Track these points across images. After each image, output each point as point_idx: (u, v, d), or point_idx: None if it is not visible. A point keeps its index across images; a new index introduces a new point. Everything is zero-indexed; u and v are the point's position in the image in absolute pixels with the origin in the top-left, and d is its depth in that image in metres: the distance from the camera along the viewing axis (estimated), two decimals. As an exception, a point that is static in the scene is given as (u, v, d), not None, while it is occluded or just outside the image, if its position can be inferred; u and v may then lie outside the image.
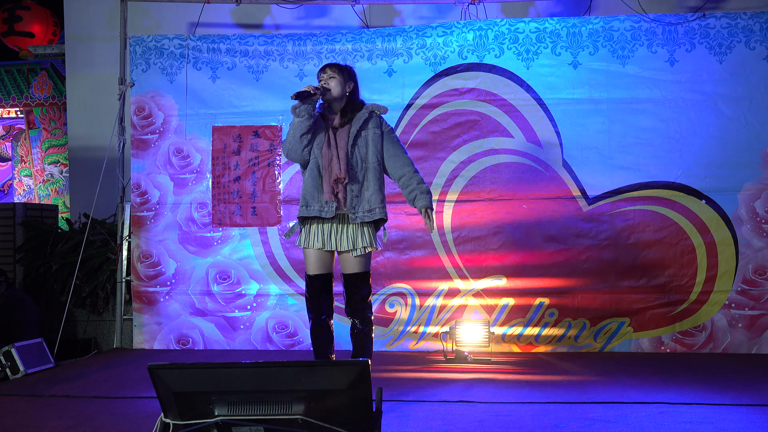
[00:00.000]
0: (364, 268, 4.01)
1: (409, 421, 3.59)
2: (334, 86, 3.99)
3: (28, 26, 8.27)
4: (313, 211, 3.96)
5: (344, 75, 4.04)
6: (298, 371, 2.26)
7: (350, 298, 4.01)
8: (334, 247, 3.99)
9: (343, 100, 4.04)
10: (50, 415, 3.81)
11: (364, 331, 4.03)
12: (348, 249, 3.96)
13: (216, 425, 2.21)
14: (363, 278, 4.00)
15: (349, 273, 4.00)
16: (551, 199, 5.57)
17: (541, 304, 5.53)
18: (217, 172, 5.86)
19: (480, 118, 5.65)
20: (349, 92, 4.05)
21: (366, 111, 4.05)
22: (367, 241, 3.97)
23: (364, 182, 3.99)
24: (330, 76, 4.01)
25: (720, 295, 5.41)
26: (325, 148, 3.96)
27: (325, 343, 4.03)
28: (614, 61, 5.55)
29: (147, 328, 5.91)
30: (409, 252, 5.68)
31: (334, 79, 4.00)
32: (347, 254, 3.98)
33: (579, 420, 3.55)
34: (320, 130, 4.00)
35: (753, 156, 5.42)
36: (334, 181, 3.92)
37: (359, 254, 3.96)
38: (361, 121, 4.01)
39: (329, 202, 3.93)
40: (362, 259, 3.98)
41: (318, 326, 4.02)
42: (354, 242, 3.95)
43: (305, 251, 4.05)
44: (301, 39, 5.85)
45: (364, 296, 4.00)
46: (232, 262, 5.85)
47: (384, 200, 4.05)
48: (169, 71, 5.94)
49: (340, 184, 3.93)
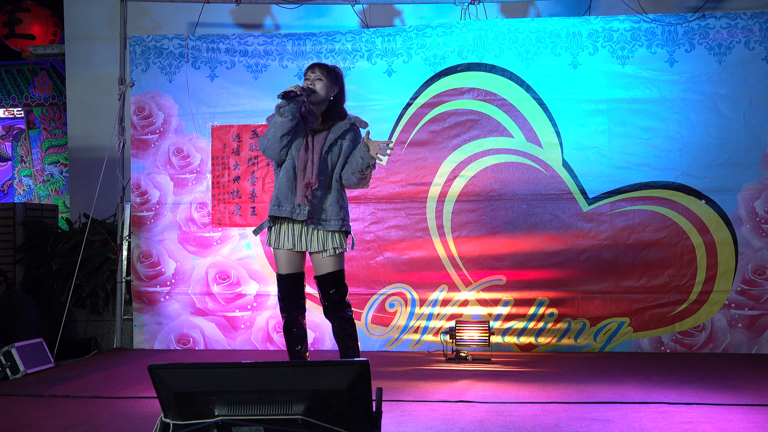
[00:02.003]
0: (338, 266, 3.93)
1: (409, 421, 3.59)
2: (320, 89, 3.89)
3: (28, 28, 8.27)
4: (284, 211, 3.87)
5: (330, 78, 3.93)
6: (298, 371, 2.26)
7: (327, 299, 3.92)
8: (305, 248, 3.93)
9: (325, 103, 3.94)
10: (50, 415, 3.81)
11: (347, 330, 3.93)
12: (318, 250, 3.91)
13: (216, 425, 2.21)
14: (337, 277, 3.92)
15: (322, 274, 3.92)
16: (551, 199, 5.57)
17: (541, 304, 5.53)
18: (216, 172, 5.86)
19: (480, 118, 5.65)
20: (333, 97, 3.96)
21: (347, 122, 3.95)
22: (338, 243, 3.91)
23: (327, 191, 3.91)
24: (317, 77, 3.90)
25: (720, 295, 5.41)
26: (302, 151, 3.89)
27: (297, 339, 3.94)
28: (614, 62, 5.55)
29: (147, 328, 5.91)
30: (408, 252, 5.68)
31: (320, 82, 3.90)
32: (318, 255, 3.91)
33: (579, 420, 3.55)
34: (300, 132, 3.91)
35: (752, 156, 5.43)
36: (305, 185, 3.86)
37: (330, 254, 3.93)
38: (340, 131, 3.92)
39: (302, 206, 3.85)
40: (335, 259, 3.91)
41: (290, 323, 3.94)
42: (324, 243, 3.91)
43: (275, 251, 3.97)
44: (301, 39, 5.85)
45: (341, 295, 3.92)
46: (232, 262, 5.85)
47: (341, 212, 3.92)
48: (169, 71, 5.94)
49: (310, 189, 3.86)
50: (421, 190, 5.68)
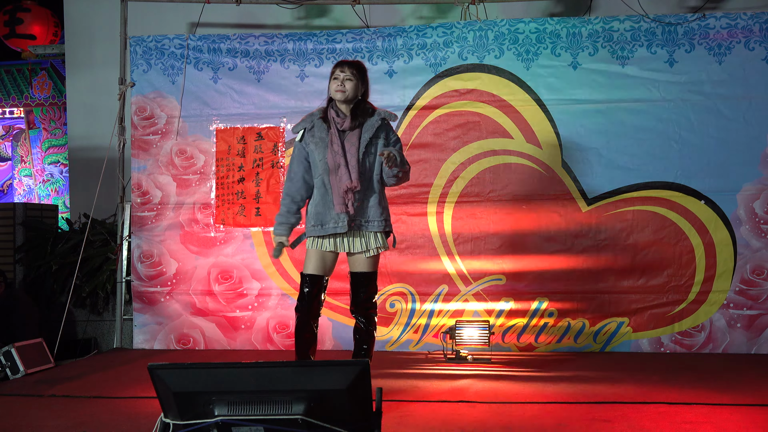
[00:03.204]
0: (373, 268, 3.98)
1: (409, 421, 3.59)
2: (350, 89, 3.86)
3: (29, 28, 8.28)
4: (329, 229, 3.86)
5: (359, 76, 3.89)
6: (298, 371, 2.26)
7: (356, 297, 3.98)
8: (347, 249, 3.95)
9: (353, 102, 3.92)
10: (50, 415, 3.81)
11: (368, 330, 3.99)
12: (361, 250, 3.93)
13: (216, 425, 2.21)
14: (371, 278, 3.98)
15: (357, 272, 3.95)
16: (550, 200, 5.58)
17: (541, 304, 5.53)
18: (221, 174, 5.87)
19: (480, 120, 5.66)
20: (361, 95, 3.94)
21: (378, 117, 3.92)
22: (380, 242, 3.93)
23: (367, 192, 3.90)
24: (347, 78, 3.86)
25: (718, 295, 5.42)
26: (331, 156, 3.84)
27: (307, 343, 3.96)
28: (614, 62, 5.55)
29: (147, 328, 5.91)
30: (409, 252, 5.68)
31: (350, 82, 3.86)
32: (359, 254, 3.95)
33: (579, 420, 3.56)
34: (321, 142, 3.88)
35: (752, 156, 5.43)
36: (345, 192, 3.81)
37: (372, 255, 3.94)
38: (374, 128, 3.89)
39: (341, 215, 3.84)
40: (373, 260, 3.96)
41: (303, 325, 3.95)
42: (367, 244, 3.92)
43: (309, 250, 3.97)
44: (302, 39, 5.85)
45: (370, 295, 3.98)
46: (235, 261, 5.85)
47: (384, 213, 3.95)
48: (170, 72, 5.94)
49: (351, 193, 3.82)
50: (422, 191, 5.68)
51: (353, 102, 3.92)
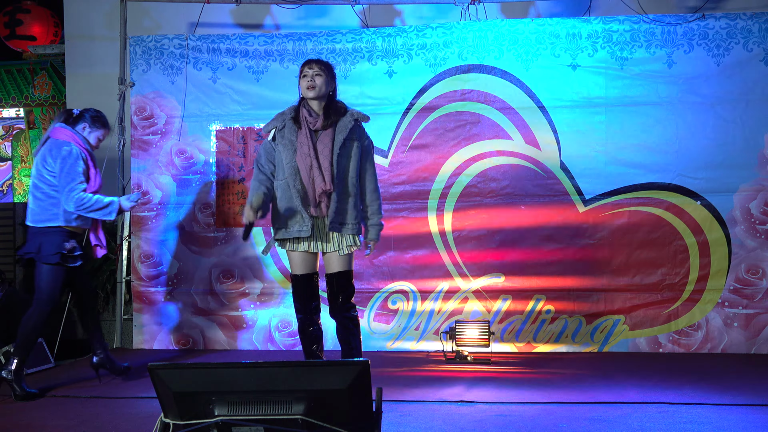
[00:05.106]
0: (348, 266, 3.96)
1: (409, 421, 3.60)
2: (320, 84, 3.86)
3: (29, 29, 8.27)
4: (293, 233, 3.88)
5: (329, 74, 3.92)
6: (298, 371, 2.26)
7: (334, 298, 3.95)
8: (320, 249, 3.95)
9: (324, 99, 3.91)
10: (50, 415, 3.81)
11: (350, 329, 3.96)
12: (334, 250, 3.93)
13: (216, 425, 2.21)
14: (347, 277, 3.96)
15: (332, 272, 3.94)
16: (549, 200, 5.59)
17: (538, 302, 5.56)
18: (221, 174, 5.88)
19: (479, 120, 5.66)
20: (331, 92, 3.94)
21: (351, 118, 3.91)
22: (351, 240, 3.93)
23: (342, 195, 3.87)
24: (316, 73, 3.87)
25: (713, 294, 5.43)
26: (301, 159, 3.83)
27: (313, 338, 3.98)
28: (613, 63, 5.55)
29: (147, 328, 5.91)
30: (410, 251, 5.70)
31: (320, 77, 3.87)
32: (332, 254, 3.94)
33: (579, 420, 3.56)
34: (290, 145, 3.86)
35: (750, 157, 5.43)
36: (320, 194, 3.80)
37: (344, 253, 3.93)
38: (347, 129, 3.88)
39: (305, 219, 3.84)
40: (346, 258, 3.94)
41: (306, 323, 3.98)
42: (339, 243, 3.92)
43: (290, 253, 3.99)
44: (301, 39, 5.85)
45: (348, 295, 3.96)
46: (236, 261, 5.85)
47: (358, 216, 3.96)
48: (170, 71, 5.94)
49: (325, 196, 3.81)
50: (422, 191, 5.69)
51: (324, 98, 3.92)
